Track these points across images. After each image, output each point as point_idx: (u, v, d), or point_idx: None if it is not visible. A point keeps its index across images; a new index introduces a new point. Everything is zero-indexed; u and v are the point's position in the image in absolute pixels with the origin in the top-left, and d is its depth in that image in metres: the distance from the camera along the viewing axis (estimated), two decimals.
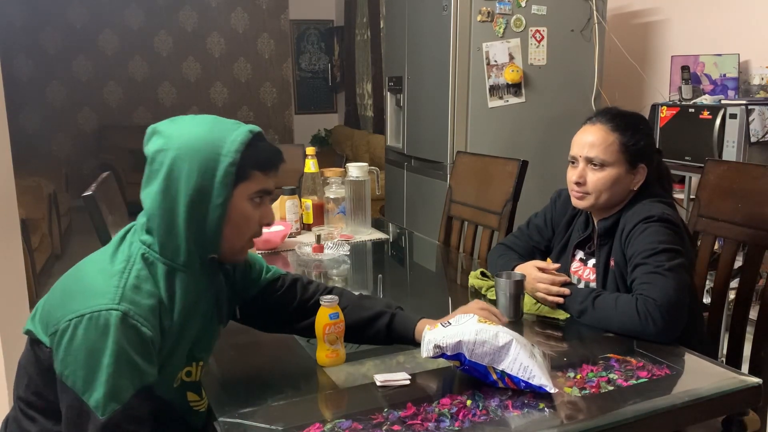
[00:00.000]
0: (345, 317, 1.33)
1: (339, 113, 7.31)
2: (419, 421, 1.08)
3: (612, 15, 3.70)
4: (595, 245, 1.67)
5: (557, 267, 1.59)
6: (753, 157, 2.78)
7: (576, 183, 1.62)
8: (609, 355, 1.33)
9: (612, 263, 1.59)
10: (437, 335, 1.19)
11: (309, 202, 2.47)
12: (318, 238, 2.17)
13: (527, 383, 1.16)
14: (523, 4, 3.20)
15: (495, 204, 2.24)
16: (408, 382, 1.22)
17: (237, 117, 6.93)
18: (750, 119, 2.77)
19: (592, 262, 1.69)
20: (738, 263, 1.89)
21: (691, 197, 2.76)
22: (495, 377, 1.18)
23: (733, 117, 2.78)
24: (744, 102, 2.84)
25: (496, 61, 3.21)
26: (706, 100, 3.08)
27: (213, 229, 1.09)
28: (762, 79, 3.15)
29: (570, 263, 1.73)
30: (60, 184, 5.50)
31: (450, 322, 1.23)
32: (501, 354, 1.17)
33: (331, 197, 2.44)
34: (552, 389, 1.15)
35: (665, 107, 3.13)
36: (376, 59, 5.86)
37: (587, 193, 1.61)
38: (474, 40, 3.17)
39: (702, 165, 1.91)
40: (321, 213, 2.47)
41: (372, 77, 6.03)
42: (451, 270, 2.33)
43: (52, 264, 4.68)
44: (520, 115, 3.29)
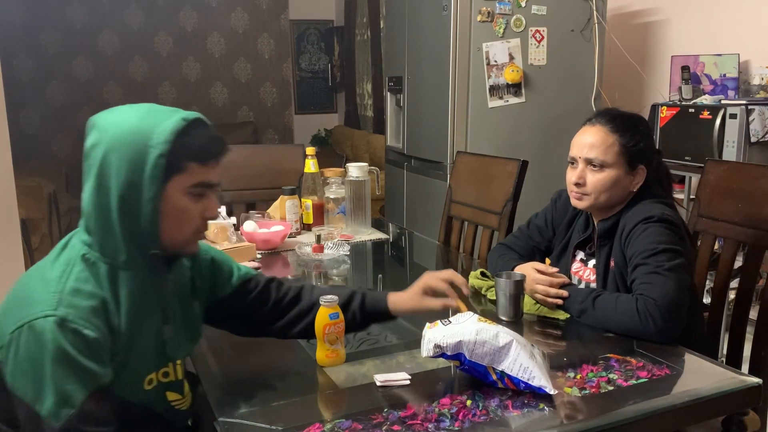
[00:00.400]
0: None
1: (339, 113, 7.30)
2: (419, 421, 1.08)
3: (612, 15, 3.69)
4: (596, 246, 1.67)
5: (556, 271, 1.59)
6: (753, 157, 2.78)
7: (575, 184, 1.62)
8: (609, 355, 1.33)
9: (612, 264, 1.59)
10: (437, 335, 1.19)
11: (309, 202, 2.47)
12: (318, 238, 2.17)
13: (527, 384, 1.16)
14: (523, 4, 3.20)
15: (495, 204, 2.24)
16: (408, 382, 1.22)
17: (237, 117, 6.95)
18: (750, 119, 2.77)
19: (592, 262, 1.69)
20: (738, 263, 1.89)
21: (691, 197, 2.76)
22: (495, 377, 1.18)
23: (733, 117, 2.78)
24: (744, 102, 2.84)
25: (496, 61, 3.21)
26: (706, 100, 3.08)
27: (148, 225, 1.05)
28: (762, 79, 3.15)
29: (570, 264, 1.73)
30: (60, 184, 5.49)
31: (450, 320, 1.23)
32: (501, 354, 1.17)
33: (331, 197, 2.44)
34: (551, 390, 1.15)
35: (665, 107, 3.13)
36: (376, 59, 5.86)
37: (586, 194, 1.61)
38: (474, 40, 3.17)
39: (702, 165, 1.91)
40: (321, 213, 2.47)
41: (372, 77, 6.03)
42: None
43: None
44: (520, 115, 3.29)
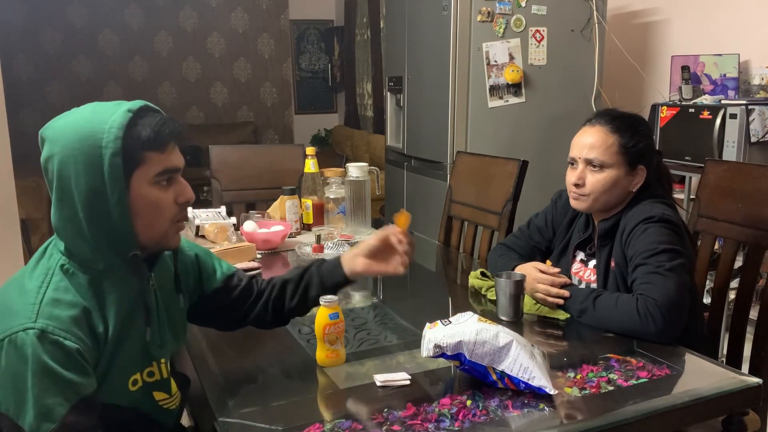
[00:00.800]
0: (287, 290, 1.31)
1: (339, 113, 7.30)
2: (419, 421, 1.08)
3: (612, 15, 3.69)
4: (596, 246, 1.67)
5: (557, 271, 1.59)
6: (753, 157, 2.78)
7: (575, 185, 1.62)
8: (609, 355, 1.33)
9: (612, 264, 1.59)
10: (437, 335, 1.19)
11: (309, 202, 2.47)
12: (318, 238, 2.17)
13: (527, 384, 1.16)
14: (523, 4, 3.20)
15: (495, 204, 2.24)
16: (408, 382, 1.22)
17: (237, 117, 6.95)
18: (750, 119, 2.77)
19: (592, 263, 1.69)
20: (738, 263, 1.89)
21: (691, 197, 2.76)
22: (495, 377, 1.18)
23: (733, 117, 2.78)
24: (744, 102, 2.84)
25: (496, 61, 3.21)
26: (706, 100, 3.08)
27: (121, 228, 1.02)
28: (762, 79, 3.15)
29: (570, 264, 1.73)
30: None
31: (450, 320, 1.23)
32: (501, 354, 1.17)
33: (331, 197, 2.44)
34: (551, 390, 1.15)
35: (665, 107, 3.13)
36: (376, 59, 5.86)
37: (585, 195, 1.61)
38: (474, 40, 3.17)
39: (702, 165, 1.91)
40: (321, 213, 2.47)
41: (372, 77, 6.03)
42: (451, 270, 2.33)
43: None
44: (520, 115, 3.29)
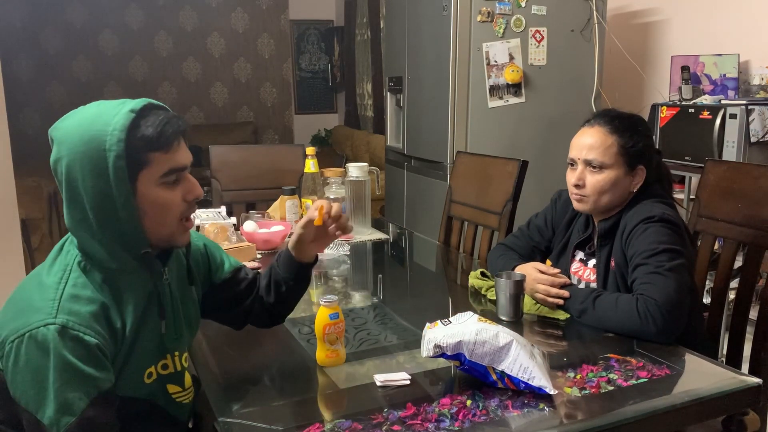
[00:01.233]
0: (264, 289, 1.32)
1: (339, 113, 7.30)
2: (419, 421, 1.08)
3: (612, 15, 3.69)
4: (596, 246, 1.67)
5: (557, 271, 1.59)
6: (753, 157, 2.77)
7: (575, 185, 1.62)
8: (609, 355, 1.33)
9: (612, 264, 1.59)
10: (437, 335, 1.19)
11: (309, 202, 2.47)
12: None
13: (527, 384, 1.16)
14: (523, 4, 3.20)
15: (495, 204, 2.24)
16: (408, 382, 1.22)
17: (237, 117, 6.95)
18: (750, 119, 2.77)
19: (592, 262, 1.69)
20: (738, 263, 1.89)
21: (691, 197, 2.76)
22: (495, 377, 1.18)
23: (733, 117, 2.78)
24: (744, 102, 2.84)
25: (496, 61, 3.21)
26: (706, 100, 3.08)
27: (130, 228, 1.03)
28: (762, 79, 3.15)
29: (570, 264, 1.73)
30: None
31: (450, 320, 1.23)
32: (501, 354, 1.17)
33: (331, 197, 2.44)
34: (551, 390, 1.15)
35: (665, 107, 3.13)
36: (376, 59, 5.86)
37: (586, 196, 1.61)
38: (474, 40, 3.17)
39: (702, 165, 1.91)
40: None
41: (372, 77, 6.03)
42: (451, 270, 2.33)
43: None
44: (520, 115, 3.29)
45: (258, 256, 2.12)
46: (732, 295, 2.18)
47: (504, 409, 1.12)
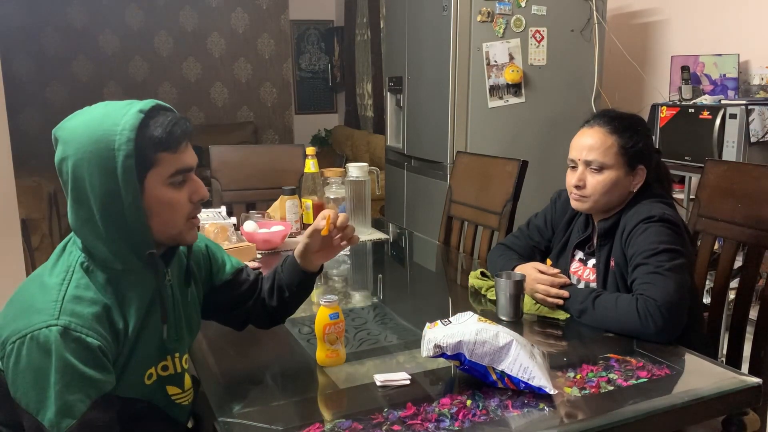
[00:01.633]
0: (267, 292, 1.32)
1: (339, 113, 7.30)
2: (419, 421, 1.08)
3: (612, 15, 3.70)
4: (595, 245, 1.67)
5: (557, 271, 1.59)
6: (753, 157, 2.78)
7: (575, 186, 1.62)
8: (609, 355, 1.33)
9: (612, 264, 1.59)
10: (437, 335, 1.19)
11: (309, 202, 2.47)
12: None
13: (527, 384, 1.16)
14: (523, 4, 3.20)
15: (495, 204, 2.24)
16: (408, 382, 1.22)
17: (237, 117, 6.95)
18: (750, 119, 2.77)
19: (591, 262, 1.69)
20: (738, 263, 1.89)
21: (691, 197, 2.76)
22: (495, 377, 1.18)
23: (733, 117, 2.78)
24: (744, 102, 2.84)
25: (496, 61, 3.21)
26: (705, 100, 3.08)
27: (137, 228, 1.03)
28: (762, 79, 3.15)
29: (569, 263, 1.73)
30: (60, 184, 5.49)
31: (450, 320, 1.23)
32: (501, 354, 1.17)
33: (331, 197, 2.44)
34: (551, 390, 1.15)
35: (665, 107, 3.13)
36: (376, 59, 5.86)
37: (587, 197, 1.61)
38: (474, 40, 3.17)
39: (702, 165, 1.91)
40: None
41: (372, 77, 6.02)
42: (451, 270, 2.33)
43: None
44: (520, 115, 3.29)
45: (258, 256, 2.12)
46: (732, 295, 2.18)
47: (504, 409, 1.12)
